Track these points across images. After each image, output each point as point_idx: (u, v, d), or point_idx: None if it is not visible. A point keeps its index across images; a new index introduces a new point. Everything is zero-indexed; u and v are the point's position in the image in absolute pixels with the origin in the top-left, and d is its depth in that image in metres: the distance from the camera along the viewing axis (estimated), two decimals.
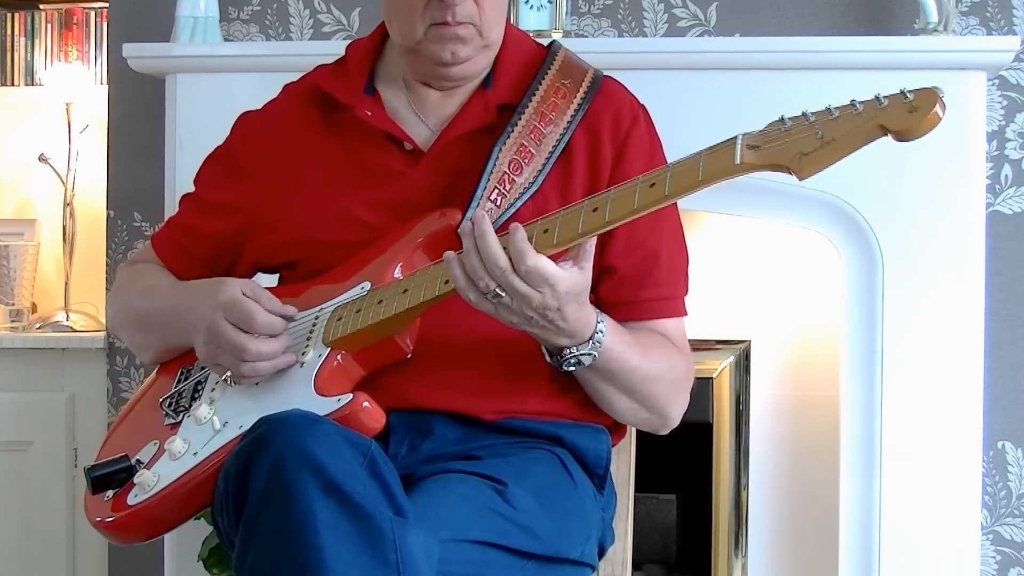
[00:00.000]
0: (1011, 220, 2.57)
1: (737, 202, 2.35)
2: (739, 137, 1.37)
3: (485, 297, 1.45)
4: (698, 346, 2.04)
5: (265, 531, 1.30)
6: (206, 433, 1.56)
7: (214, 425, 1.56)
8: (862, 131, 1.30)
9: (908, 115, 1.28)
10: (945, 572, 2.36)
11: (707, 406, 2.63)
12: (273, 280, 1.81)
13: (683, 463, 2.70)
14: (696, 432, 2.62)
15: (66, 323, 2.94)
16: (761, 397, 2.64)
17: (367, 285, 1.61)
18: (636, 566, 2.23)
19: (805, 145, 1.31)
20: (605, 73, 1.76)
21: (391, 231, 1.65)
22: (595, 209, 1.43)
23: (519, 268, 1.42)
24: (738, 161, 1.35)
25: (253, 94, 1.91)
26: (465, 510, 1.47)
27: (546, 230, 1.45)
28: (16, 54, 3.09)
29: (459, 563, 1.42)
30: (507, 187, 1.62)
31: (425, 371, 1.61)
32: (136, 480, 1.54)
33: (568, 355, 1.53)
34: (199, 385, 1.65)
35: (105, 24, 3.00)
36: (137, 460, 1.58)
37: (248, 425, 1.44)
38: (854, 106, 1.31)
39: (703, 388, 2.59)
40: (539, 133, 1.65)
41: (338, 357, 1.57)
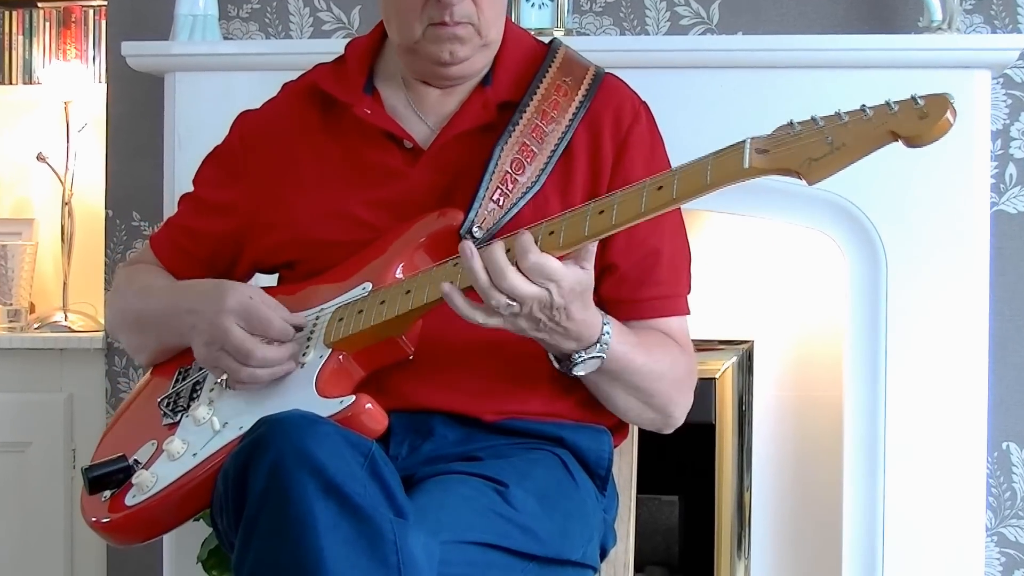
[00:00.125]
0: (1016, 219, 2.56)
1: (740, 201, 2.34)
2: (747, 141, 1.36)
3: (492, 313, 1.44)
4: (701, 346, 2.04)
5: (264, 532, 1.30)
6: (205, 434, 1.55)
7: (213, 426, 1.55)
8: (872, 136, 1.29)
9: (919, 121, 1.27)
10: (949, 574, 2.36)
11: (709, 406, 2.63)
12: (272, 280, 1.80)
13: (685, 464, 2.69)
14: (698, 433, 2.62)
15: (64, 323, 2.94)
16: (764, 397, 2.64)
17: (368, 285, 1.60)
18: (638, 568, 2.23)
19: (814, 150, 1.30)
20: (606, 70, 1.74)
21: (391, 231, 1.64)
22: (601, 211, 1.42)
23: (522, 264, 1.41)
24: (747, 165, 1.34)
25: (252, 93, 1.90)
26: (466, 511, 1.46)
27: (551, 232, 1.44)
28: (14, 52, 3.09)
29: (460, 564, 1.41)
30: (509, 187, 1.62)
31: (426, 371, 1.60)
32: (134, 481, 1.53)
33: (577, 359, 1.53)
34: (197, 385, 1.64)
35: (104, 22, 3.00)
36: (135, 460, 1.57)
37: (248, 426, 1.43)
38: (864, 111, 1.30)
39: (705, 388, 2.58)
40: (541, 132, 1.65)
41: (339, 358, 1.56)
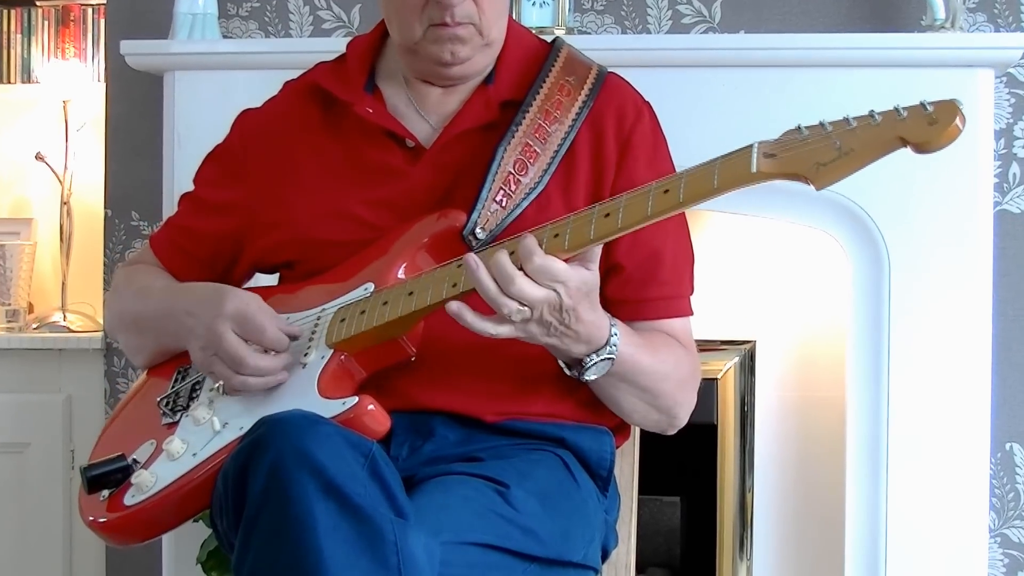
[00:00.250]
0: (1019, 219, 2.56)
1: (742, 201, 2.29)
2: (755, 145, 1.36)
3: (503, 322, 1.43)
4: (703, 346, 2.03)
5: (264, 533, 1.29)
6: (205, 434, 1.54)
7: (213, 426, 1.54)
8: (880, 142, 1.28)
9: (928, 127, 1.27)
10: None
11: (711, 407, 2.63)
12: (272, 280, 1.79)
13: (687, 465, 2.69)
14: (700, 433, 2.62)
15: (63, 323, 2.94)
16: (766, 398, 2.64)
17: (371, 286, 1.59)
18: (640, 569, 2.22)
19: (822, 155, 1.30)
20: (609, 69, 1.74)
21: (393, 231, 1.63)
22: (607, 214, 1.42)
23: (527, 267, 1.40)
24: (754, 169, 1.34)
25: (252, 92, 1.89)
26: (467, 512, 1.46)
27: (556, 235, 1.44)
28: (12, 51, 3.08)
29: (460, 566, 1.41)
30: (512, 188, 1.61)
31: (427, 372, 1.60)
32: (133, 480, 1.53)
33: (588, 363, 1.52)
34: (197, 385, 1.63)
35: (102, 21, 2.99)
36: (134, 459, 1.56)
37: (248, 426, 1.42)
38: (872, 116, 1.30)
39: (707, 389, 2.57)
40: (544, 132, 1.64)
41: (341, 358, 1.55)
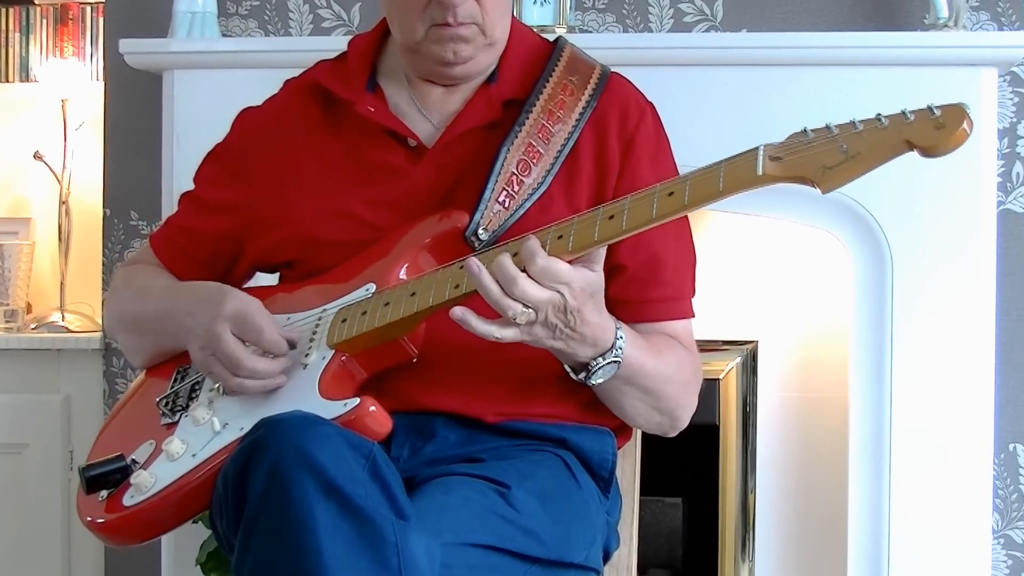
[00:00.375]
0: (1023, 218, 2.55)
1: (745, 201, 2.26)
2: (760, 147, 1.35)
3: (508, 325, 1.42)
4: (704, 347, 2.02)
5: (264, 533, 1.29)
6: (205, 434, 1.53)
7: (213, 426, 1.53)
8: (887, 146, 1.28)
9: (935, 131, 1.26)
10: None
11: (713, 408, 2.63)
12: (272, 280, 1.78)
13: (689, 466, 2.69)
14: (702, 434, 2.62)
15: (62, 323, 2.94)
16: (768, 398, 2.64)
17: (372, 286, 1.59)
18: (641, 570, 2.21)
19: (828, 158, 1.29)
20: (611, 69, 1.73)
21: (394, 231, 1.63)
22: (611, 216, 1.41)
23: (531, 269, 1.40)
24: (760, 172, 1.33)
25: (252, 91, 1.88)
26: (467, 513, 1.45)
27: (560, 236, 1.43)
28: (11, 50, 3.08)
29: (461, 567, 1.40)
30: (515, 188, 1.60)
31: (427, 372, 1.59)
32: (133, 481, 1.52)
33: (595, 366, 1.51)
34: (196, 385, 1.63)
35: (101, 19, 2.99)
36: (133, 460, 1.55)
37: (248, 427, 1.41)
38: (879, 120, 1.29)
39: (709, 389, 2.57)
40: (547, 132, 1.63)
41: (342, 359, 1.54)
